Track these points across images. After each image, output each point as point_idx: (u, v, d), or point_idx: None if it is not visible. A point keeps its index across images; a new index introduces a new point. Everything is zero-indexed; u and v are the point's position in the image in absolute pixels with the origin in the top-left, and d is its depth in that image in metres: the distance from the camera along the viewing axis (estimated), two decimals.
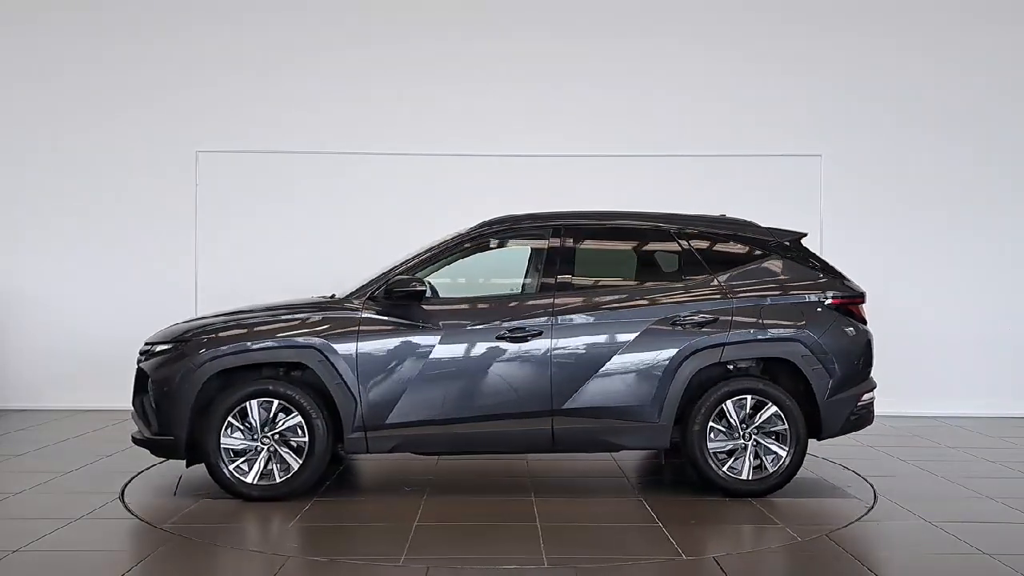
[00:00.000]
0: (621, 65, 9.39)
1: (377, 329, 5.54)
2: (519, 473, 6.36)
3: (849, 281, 6.01)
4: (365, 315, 5.58)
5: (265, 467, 5.47)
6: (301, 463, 5.46)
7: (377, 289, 5.67)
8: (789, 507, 5.51)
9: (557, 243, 5.87)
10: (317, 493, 5.68)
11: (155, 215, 9.23)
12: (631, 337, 5.60)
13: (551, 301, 5.67)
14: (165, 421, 5.47)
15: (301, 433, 5.47)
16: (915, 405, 9.04)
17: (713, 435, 5.62)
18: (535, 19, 9.41)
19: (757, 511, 5.39)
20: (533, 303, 5.69)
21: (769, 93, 9.36)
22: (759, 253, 5.96)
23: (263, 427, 5.47)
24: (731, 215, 6.47)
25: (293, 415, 5.46)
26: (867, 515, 5.29)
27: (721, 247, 5.99)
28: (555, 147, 9.24)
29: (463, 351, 5.58)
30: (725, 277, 5.83)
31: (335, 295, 6.14)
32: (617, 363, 5.58)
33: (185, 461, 5.57)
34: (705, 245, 5.95)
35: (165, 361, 5.55)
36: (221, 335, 5.57)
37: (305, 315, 5.66)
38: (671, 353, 5.59)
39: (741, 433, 5.63)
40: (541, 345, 5.57)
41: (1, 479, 6.10)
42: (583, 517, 5.29)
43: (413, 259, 5.84)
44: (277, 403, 5.46)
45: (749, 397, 5.63)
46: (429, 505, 5.46)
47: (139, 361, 5.75)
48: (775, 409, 5.62)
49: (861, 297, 5.97)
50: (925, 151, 9.34)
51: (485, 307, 5.75)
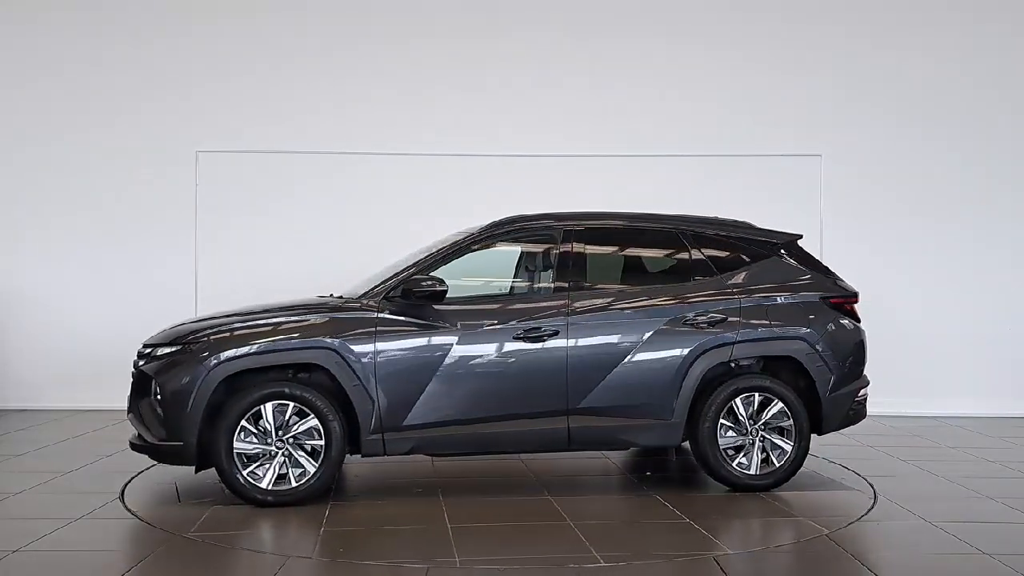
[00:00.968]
0: (621, 65, 9.39)
1: (395, 329, 5.46)
2: (519, 472, 6.36)
3: (842, 281, 6.21)
4: (382, 315, 5.49)
5: (280, 472, 5.31)
6: (318, 467, 5.32)
7: (392, 289, 5.57)
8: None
9: (570, 243, 5.89)
10: (328, 498, 5.51)
11: (155, 215, 9.23)
12: (644, 337, 5.68)
13: (566, 301, 5.69)
14: (174, 426, 5.27)
15: (317, 436, 5.34)
16: (915, 405, 9.03)
17: (723, 432, 5.72)
18: (534, 19, 9.41)
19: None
20: (548, 303, 5.71)
21: (769, 93, 9.36)
22: (761, 254, 6.10)
23: (277, 431, 5.31)
24: (724, 216, 6.54)
25: (309, 418, 5.32)
26: (867, 515, 5.29)
27: (726, 248, 6.09)
28: (555, 147, 9.24)
29: (481, 351, 5.54)
30: (731, 277, 5.95)
31: (333, 295, 6.14)
32: (631, 362, 5.64)
33: (194, 467, 5.40)
34: (711, 246, 6.06)
35: (173, 364, 5.35)
36: (235, 336, 5.41)
37: (321, 315, 5.53)
38: (683, 352, 5.69)
39: (749, 429, 5.75)
40: (557, 345, 5.58)
41: (1, 479, 6.09)
42: (610, 515, 5.36)
43: (427, 259, 5.73)
44: (292, 406, 5.31)
45: (757, 394, 5.76)
46: (452, 507, 5.38)
47: (138, 364, 5.58)
48: (781, 406, 5.76)
49: (855, 296, 6.17)
50: (925, 151, 9.34)
51: (501, 307, 5.78)
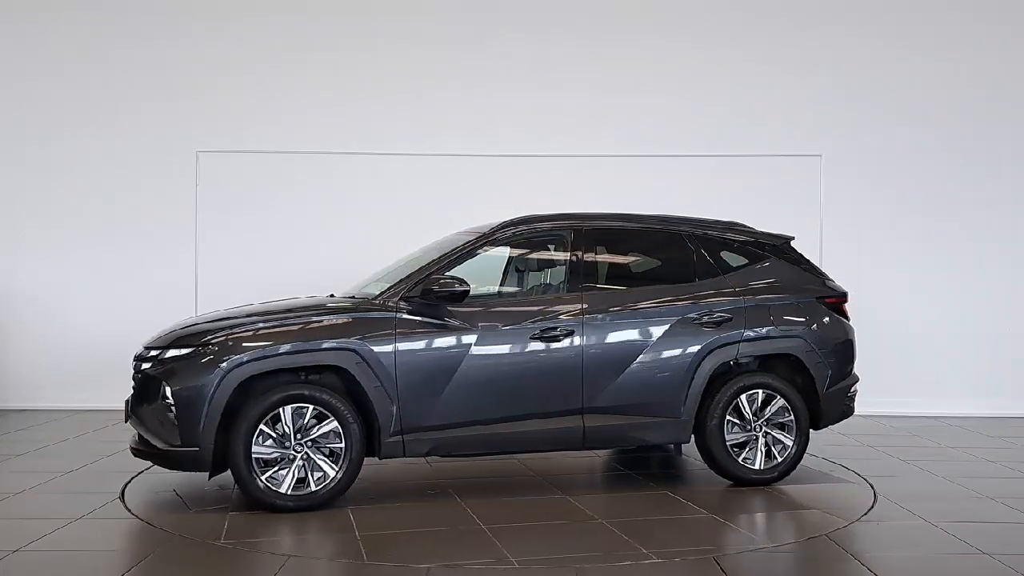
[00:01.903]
0: (621, 66, 9.39)
1: (414, 330, 5.40)
2: (520, 472, 6.36)
3: (831, 281, 6.44)
4: (400, 315, 5.41)
5: (299, 476, 5.20)
6: (339, 470, 5.24)
7: (410, 289, 5.50)
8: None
9: (581, 243, 5.93)
10: (343, 503, 5.36)
11: (155, 215, 9.23)
12: (655, 336, 5.76)
13: (579, 301, 5.72)
14: (189, 431, 5.09)
15: (337, 439, 5.24)
16: (915, 405, 9.03)
17: (729, 428, 5.86)
18: (534, 20, 9.41)
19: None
20: (562, 303, 5.73)
21: (769, 93, 9.37)
22: (759, 255, 6.27)
23: (296, 434, 5.20)
24: (720, 218, 6.61)
25: (329, 420, 5.22)
26: (867, 515, 5.29)
27: (727, 249, 6.24)
28: (555, 147, 9.24)
29: (500, 351, 5.54)
30: (733, 278, 6.10)
31: (334, 295, 6.14)
32: (643, 361, 5.72)
33: (208, 473, 5.28)
34: (714, 247, 6.19)
35: (187, 367, 5.18)
36: (253, 338, 5.27)
37: (339, 316, 5.43)
38: (693, 351, 5.79)
39: (753, 425, 5.91)
40: (573, 344, 5.60)
41: (1, 479, 6.10)
42: (635, 511, 5.35)
43: (442, 259, 5.67)
44: (312, 408, 5.21)
45: (760, 391, 5.92)
46: (476, 508, 5.35)
47: (142, 367, 5.41)
48: (782, 402, 5.94)
49: (845, 296, 6.42)
50: (924, 151, 9.34)
51: (516, 307, 5.80)
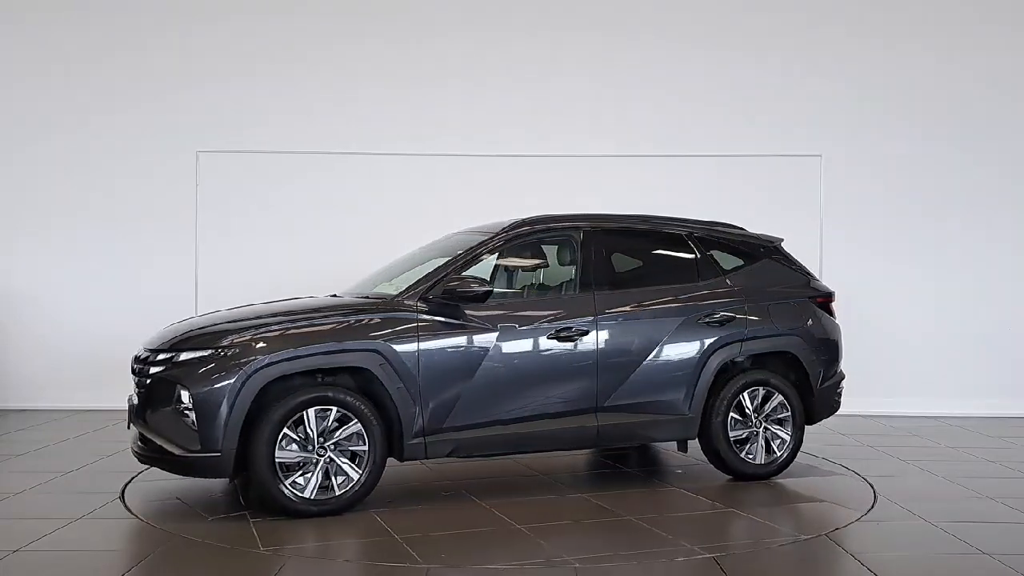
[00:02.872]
0: (621, 66, 9.39)
1: (435, 330, 5.35)
2: (522, 472, 6.35)
3: (817, 281, 6.66)
4: (422, 316, 5.38)
5: (323, 480, 5.09)
6: (362, 473, 5.15)
7: (430, 289, 5.46)
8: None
9: (591, 244, 5.97)
10: (364, 506, 5.28)
11: (155, 215, 9.23)
12: (665, 335, 5.87)
13: (592, 301, 5.76)
14: (210, 436, 4.92)
15: (360, 442, 5.16)
16: (915, 405, 9.04)
17: (732, 424, 6.03)
18: (535, 20, 9.41)
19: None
20: (576, 303, 5.77)
21: (769, 93, 9.37)
22: (754, 256, 6.46)
23: (319, 437, 5.09)
24: (714, 219, 6.72)
25: (352, 423, 5.13)
26: (867, 515, 5.29)
27: (726, 250, 6.39)
28: (555, 148, 9.25)
29: (519, 351, 5.54)
30: (733, 278, 6.26)
31: (336, 294, 6.14)
32: (654, 360, 5.83)
33: (228, 479, 5.19)
34: (714, 248, 6.35)
35: (208, 369, 5.00)
36: (278, 339, 5.13)
37: (361, 316, 5.32)
38: (699, 350, 5.95)
39: (754, 422, 6.09)
40: (588, 344, 5.66)
41: (1, 479, 6.10)
42: (657, 507, 5.43)
43: (460, 259, 5.64)
44: (335, 411, 5.11)
45: (761, 388, 6.10)
46: (502, 509, 5.33)
47: (149, 371, 5.22)
48: (781, 398, 6.14)
49: (832, 295, 6.63)
50: (925, 151, 9.34)
51: (532, 307, 5.82)
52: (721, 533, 4.99)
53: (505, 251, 5.91)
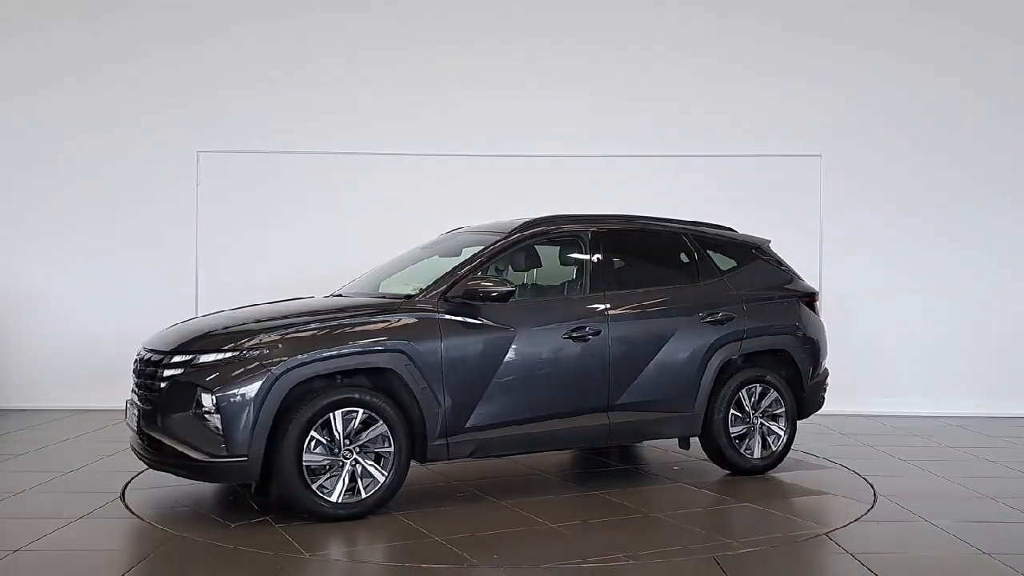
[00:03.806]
0: (621, 66, 9.40)
1: (457, 331, 5.32)
2: (523, 472, 6.35)
3: (802, 280, 6.82)
4: (442, 316, 5.33)
5: (349, 483, 4.99)
6: (388, 475, 5.07)
7: (449, 289, 5.41)
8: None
9: (599, 244, 6.02)
10: (386, 509, 5.21)
11: (155, 215, 9.23)
12: (671, 334, 5.98)
13: (603, 301, 5.82)
14: (237, 440, 4.77)
15: (385, 443, 5.08)
16: (915, 405, 9.04)
17: (732, 421, 6.18)
18: (535, 20, 9.41)
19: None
20: (589, 303, 5.81)
21: (769, 93, 9.37)
22: (746, 256, 6.62)
23: (345, 439, 5.00)
24: (707, 219, 6.85)
25: (378, 424, 5.04)
26: (867, 515, 5.29)
27: (721, 251, 6.53)
28: (555, 147, 9.25)
29: (537, 351, 5.55)
30: (730, 278, 6.40)
31: (341, 294, 6.14)
32: (661, 359, 5.92)
33: (253, 484, 5.07)
34: (712, 248, 6.50)
35: (233, 371, 4.85)
36: (308, 340, 5.02)
37: (387, 316, 5.25)
38: (703, 348, 6.06)
39: (752, 417, 6.25)
40: (600, 344, 5.71)
41: (1, 479, 6.09)
42: (678, 504, 5.52)
43: (477, 259, 5.61)
44: (362, 412, 5.02)
45: (758, 385, 6.27)
46: (526, 508, 5.32)
47: (165, 375, 5.02)
48: (775, 395, 6.33)
49: (816, 294, 6.85)
50: (925, 151, 9.34)
51: (546, 307, 5.84)
52: (736, 530, 4.98)
53: (518, 251, 5.91)
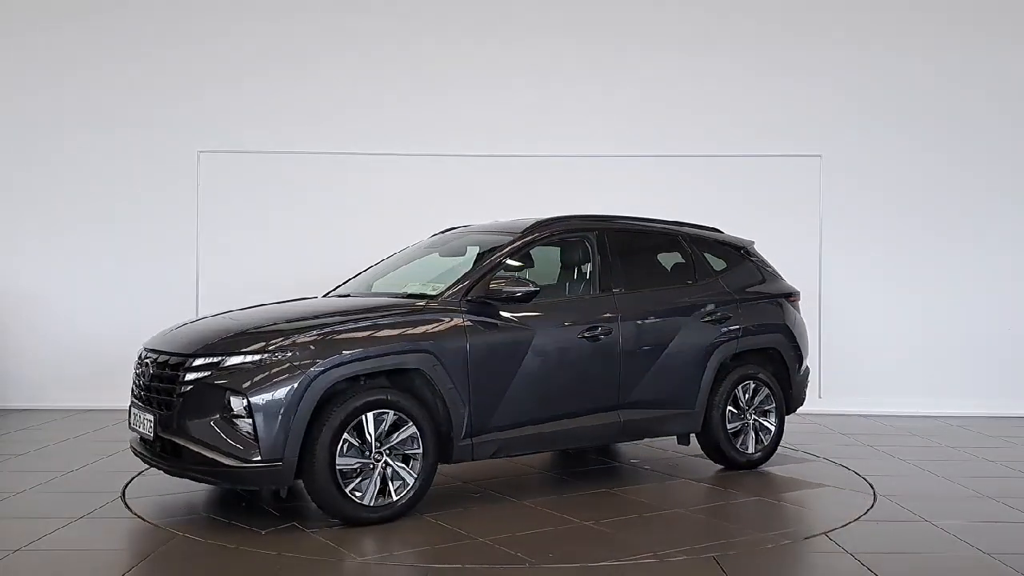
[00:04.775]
0: (622, 67, 9.40)
1: (481, 331, 5.30)
2: (524, 471, 6.36)
3: (784, 281, 6.97)
4: (468, 317, 5.31)
5: (380, 485, 4.93)
6: (417, 477, 5.02)
7: (470, 289, 5.39)
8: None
9: (606, 245, 6.07)
10: (414, 512, 5.16)
11: (156, 215, 9.24)
12: (675, 334, 6.09)
13: (612, 301, 5.86)
14: (272, 444, 4.66)
15: (414, 445, 5.02)
16: (915, 405, 9.04)
17: (729, 417, 6.33)
18: (535, 21, 9.42)
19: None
20: (599, 303, 5.86)
21: (769, 94, 9.38)
22: (735, 257, 6.76)
23: (376, 441, 4.92)
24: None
25: (408, 426, 4.98)
26: (867, 515, 5.29)
27: (714, 252, 6.67)
28: (555, 148, 9.25)
29: (555, 350, 5.57)
30: (723, 279, 6.54)
31: (349, 294, 6.12)
32: (666, 358, 6.02)
33: (286, 489, 5.02)
34: (706, 249, 6.62)
35: (263, 373, 4.73)
36: (339, 341, 4.93)
37: (415, 317, 5.20)
38: (704, 347, 6.20)
39: (746, 413, 6.42)
40: (612, 343, 5.77)
41: (1, 479, 6.09)
42: (693, 501, 5.66)
43: (495, 259, 5.61)
44: (392, 414, 4.95)
45: (752, 382, 6.43)
46: (550, 507, 5.35)
47: (187, 378, 4.85)
48: (767, 391, 6.52)
49: (798, 294, 6.99)
50: (925, 152, 9.35)
51: (561, 307, 5.84)
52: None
53: (532, 251, 5.93)
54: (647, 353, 5.94)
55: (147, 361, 5.20)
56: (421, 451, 5.04)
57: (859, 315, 9.23)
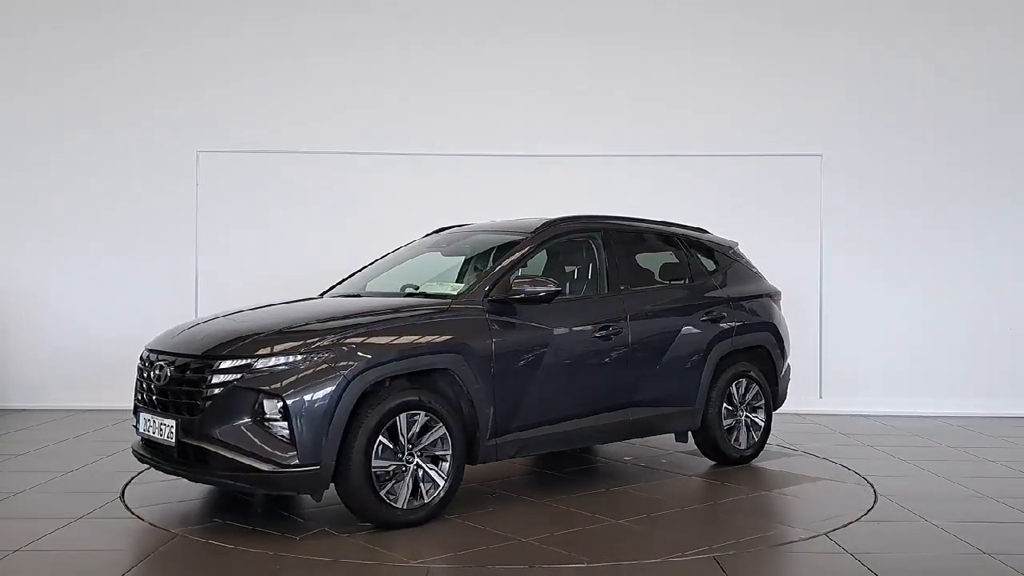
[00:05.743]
0: (622, 67, 9.40)
1: (503, 330, 5.27)
2: (525, 471, 6.36)
3: (766, 280, 7.13)
4: (491, 316, 5.27)
5: (412, 487, 4.87)
6: (447, 478, 4.96)
7: (492, 288, 5.36)
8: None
9: (612, 245, 6.12)
10: (442, 513, 5.13)
11: (155, 215, 9.24)
12: (678, 333, 6.19)
13: (621, 301, 5.94)
14: (310, 448, 4.56)
15: (444, 446, 4.96)
16: (915, 405, 9.05)
17: (725, 414, 6.46)
18: (536, 21, 9.43)
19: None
20: (609, 303, 5.91)
21: (769, 93, 9.38)
22: (724, 257, 6.89)
23: (408, 443, 4.86)
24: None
25: (438, 427, 4.93)
26: (867, 515, 5.29)
27: (705, 252, 6.79)
28: (555, 148, 9.26)
29: (572, 350, 5.59)
30: (716, 278, 6.67)
31: (359, 294, 6.10)
32: (670, 356, 6.13)
33: (321, 493, 4.85)
34: (699, 250, 6.75)
35: (298, 375, 4.61)
36: (374, 342, 4.84)
37: (442, 317, 5.15)
38: (703, 346, 6.30)
39: (739, 410, 6.57)
40: (623, 342, 5.83)
41: (1, 479, 6.09)
42: (702, 498, 5.74)
43: (514, 258, 5.59)
44: (423, 415, 4.89)
45: (744, 380, 6.60)
46: (573, 505, 5.38)
47: (214, 380, 4.70)
48: (758, 388, 6.68)
49: (780, 294, 7.17)
50: (925, 151, 9.35)
51: (575, 307, 5.84)
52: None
53: (544, 250, 5.96)
54: (654, 352, 6.02)
55: (160, 363, 5.01)
56: (451, 452, 4.98)
57: (859, 315, 9.24)
